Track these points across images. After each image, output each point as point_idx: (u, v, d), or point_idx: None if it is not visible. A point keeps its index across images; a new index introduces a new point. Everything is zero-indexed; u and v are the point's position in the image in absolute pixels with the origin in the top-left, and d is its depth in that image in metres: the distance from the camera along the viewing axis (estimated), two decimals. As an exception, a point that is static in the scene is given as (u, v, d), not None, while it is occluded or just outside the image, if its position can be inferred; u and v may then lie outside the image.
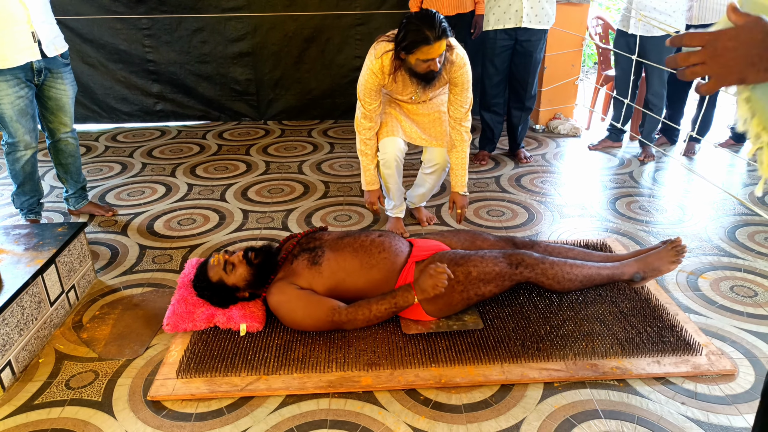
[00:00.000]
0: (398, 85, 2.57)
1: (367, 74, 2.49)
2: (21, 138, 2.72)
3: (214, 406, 1.83)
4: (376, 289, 2.11)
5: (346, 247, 2.15)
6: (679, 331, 2.09)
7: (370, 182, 2.77)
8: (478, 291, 2.09)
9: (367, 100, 2.56)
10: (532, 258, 2.14)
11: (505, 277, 2.10)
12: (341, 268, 2.10)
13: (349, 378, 1.91)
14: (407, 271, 2.12)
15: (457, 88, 2.55)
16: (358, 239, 2.18)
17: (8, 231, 2.40)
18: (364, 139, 2.69)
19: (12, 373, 1.95)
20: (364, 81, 2.52)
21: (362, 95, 2.56)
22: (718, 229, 2.94)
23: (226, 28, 4.52)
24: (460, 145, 2.67)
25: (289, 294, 2.05)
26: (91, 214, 3.17)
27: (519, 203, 3.28)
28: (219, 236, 2.94)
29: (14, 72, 2.58)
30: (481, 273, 2.08)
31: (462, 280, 2.07)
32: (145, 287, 2.50)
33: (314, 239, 2.24)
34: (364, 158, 2.74)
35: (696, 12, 3.69)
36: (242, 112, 4.84)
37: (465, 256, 2.13)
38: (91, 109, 4.71)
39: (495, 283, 2.10)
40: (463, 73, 2.50)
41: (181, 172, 3.78)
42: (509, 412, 1.80)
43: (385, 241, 2.17)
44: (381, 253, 2.13)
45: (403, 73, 2.48)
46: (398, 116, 2.74)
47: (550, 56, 4.34)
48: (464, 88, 2.55)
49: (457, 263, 2.10)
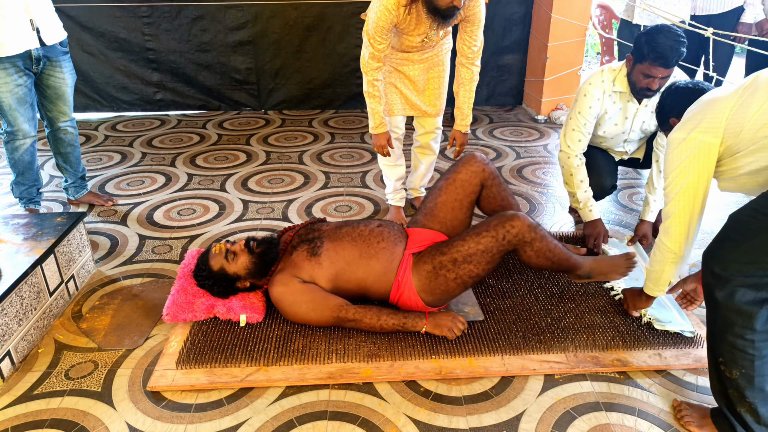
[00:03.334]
0: (411, 22, 2.45)
1: (381, 10, 2.36)
2: (20, 127, 2.71)
3: (213, 397, 1.83)
4: (375, 280, 2.10)
5: (345, 237, 2.14)
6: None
7: (378, 125, 2.66)
8: (471, 273, 2.03)
9: (377, 38, 2.44)
10: (524, 224, 2.00)
11: (493, 251, 2.00)
12: (340, 257, 2.09)
13: (349, 369, 1.90)
14: (405, 264, 2.11)
15: (471, 26, 2.50)
16: (356, 229, 2.17)
17: (7, 220, 2.39)
18: (371, 80, 2.56)
19: (11, 364, 1.94)
20: (375, 18, 2.40)
21: (372, 32, 2.44)
22: (720, 222, 2.91)
23: (226, 17, 4.48)
24: (468, 84, 2.64)
25: (292, 287, 2.04)
26: (91, 204, 3.16)
27: (520, 194, 3.26)
28: (219, 226, 2.93)
29: (12, 60, 2.56)
30: (467, 256, 2.01)
31: (452, 267, 2.03)
32: (145, 277, 2.49)
33: (313, 230, 2.22)
34: (371, 100, 2.61)
35: (700, 2, 3.66)
36: (242, 102, 4.81)
37: (449, 243, 2.07)
38: (91, 98, 4.68)
39: (485, 259, 2.01)
40: (479, 10, 2.46)
41: (181, 162, 3.76)
42: (510, 404, 1.80)
43: (384, 231, 2.16)
44: (380, 243, 2.12)
45: (418, 8, 2.38)
46: (397, 87, 2.70)
47: (552, 46, 4.30)
48: (478, 26, 2.50)
49: (442, 252, 2.06)
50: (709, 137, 1.59)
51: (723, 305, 1.52)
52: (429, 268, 2.05)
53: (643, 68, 2.27)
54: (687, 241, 1.77)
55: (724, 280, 1.51)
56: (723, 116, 1.56)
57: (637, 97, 2.45)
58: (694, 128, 1.61)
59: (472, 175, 2.28)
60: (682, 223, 1.74)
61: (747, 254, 1.48)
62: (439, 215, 2.29)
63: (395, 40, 2.60)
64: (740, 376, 1.53)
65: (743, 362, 1.52)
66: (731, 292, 1.50)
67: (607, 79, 2.47)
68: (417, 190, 3.11)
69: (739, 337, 1.51)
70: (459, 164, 2.31)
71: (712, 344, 1.61)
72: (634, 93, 2.43)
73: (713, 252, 1.57)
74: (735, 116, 1.54)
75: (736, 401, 1.57)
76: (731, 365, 1.54)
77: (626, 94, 2.46)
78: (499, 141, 4.08)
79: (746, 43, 3.56)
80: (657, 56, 2.20)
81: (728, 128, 1.56)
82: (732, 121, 1.54)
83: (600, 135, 2.62)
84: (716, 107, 1.59)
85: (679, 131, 1.67)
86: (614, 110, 2.51)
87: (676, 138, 1.67)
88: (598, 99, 2.47)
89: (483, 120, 4.55)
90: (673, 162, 1.69)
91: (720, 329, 1.55)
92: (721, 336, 1.55)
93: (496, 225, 2.00)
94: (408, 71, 2.67)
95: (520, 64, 4.78)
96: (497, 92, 4.88)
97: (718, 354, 1.58)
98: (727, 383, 1.57)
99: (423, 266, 2.07)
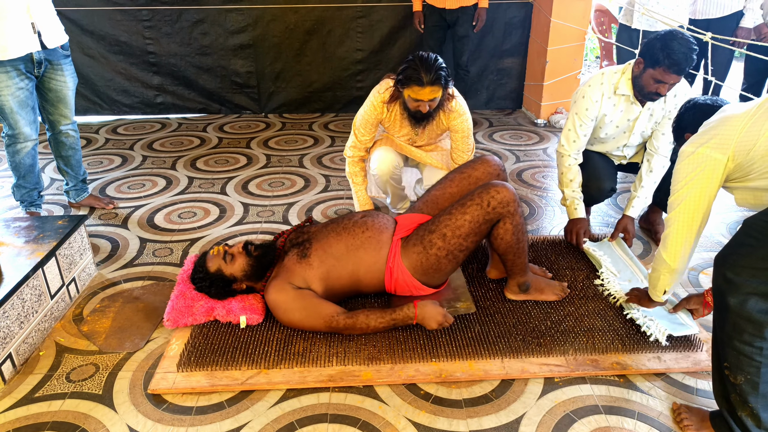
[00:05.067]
0: (395, 122, 2.63)
1: (368, 106, 2.59)
2: (21, 130, 2.71)
3: (214, 400, 1.84)
4: (366, 270, 2.11)
5: (330, 233, 2.15)
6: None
7: (363, 204, 2.79)
8: (460, 246, 2.05)
9: (361, 130, 2.63)
10: (510, 193, 2.03)
11: (479, 220, 2.02)
12: (329, 254, 2.10)
13: (350, 372, 1.91)
14: (394, 249, 2.11)
15: (457, 135, 2.63)
16: (341, 223, 2.18)
17: (8, 223, 2.39)
18: (351, 162, 2.73)
19: (13, 366, 1.95)
20: (363, 112, 2.60)
21: (358, 124, 2.63)
22: (719, 225, 2.94)
23: (226, 20, 4.50)
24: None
25: (286, 294, 2.05)
26: (92, 207, 3.17)
27: (520, 198, 3.27)
28: (219, 230, 2.93)
29: (14, 63, 2.57)
30: (455, 228, 2.04)
31: (441, 245, 2.05)
32: (146, 280, 2.50)
33: (302, 233, 2.24)
34: (353, 180, 2.77)
35: (700, 6, 3.67)
36: (243, 105, 4.82)
37: (435, 220, 2.10)
38: (92, 101, 4.69)
39: (472, 230, 2.03)
40: (462, 120, 2.59)
41: (181, 165, 3.77)
42: (509, 407, 1.80)
43: (368, 221, 2.16)
44: (365, 232, 2.13)
45: (399, 108, 2.56)
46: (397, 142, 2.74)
47: (551, 50, 4.32)
48: (464, 135, 2.63)
49: (430, 231, 2.08)
50: (717, 153, 1.59)
51: (734, 311, 1.51)
52: (419, 249, 2.07)
53: (656, 73, 2.28)
54: (682, 255, 1.78)
55: (736, 286, 1.50)
56: (734, 134, 1.56)
57: (642, 101, 2.46)
58: (704, 143, 1.62)
59: (487, 176, 2.29)
60: (679, 235, 1.75)
61: (762, 260, 1.46)
62: (444, 206, 2.27)
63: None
64: (745, 382, 1.53)
65: (749, 369, 1.52)
66: (744, 299, 1.48)
67: (608, 81, 2.48)
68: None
69: (747, 344, 1.50)
70: (477, 162, 2.33)
71: (717, 348, 1.61)
72: (639, 96, 2.44)
73: (726, 257, 1.56)
74: (747, 135, 1.54)
75: (737, 406, 1.56)
76: (736, 371, 1.54)
77: (629, 97, 2.47)
78: (499, 144, 4.09)
79: (745, 47, 3.58)
80: (672, 63, 2.21)
81: (738, 146, 1.56)
82: (743, 139, 1.55)
83: (601, 138, 2.63)
84: (729, 124, 1.59)
85: (689, 145, 1.67)
86: (615, 113, 2.52)
87: (685, 151, 1.68)
88: (596, 101, 2.48)
89: (483, 124, 4.56)
90: (680, 174, 1.70)
91: (728, 334, 1.54)
92: (728, 341, 1.55)
93: (481, 192, 2.04)
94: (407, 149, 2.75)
95: (520, 68, 4.80)
96: (497, 96, 4.90)
97: (723, 358, 1.57)
98: (730, 388, 1.57)
99: (412, 248, 2.08)
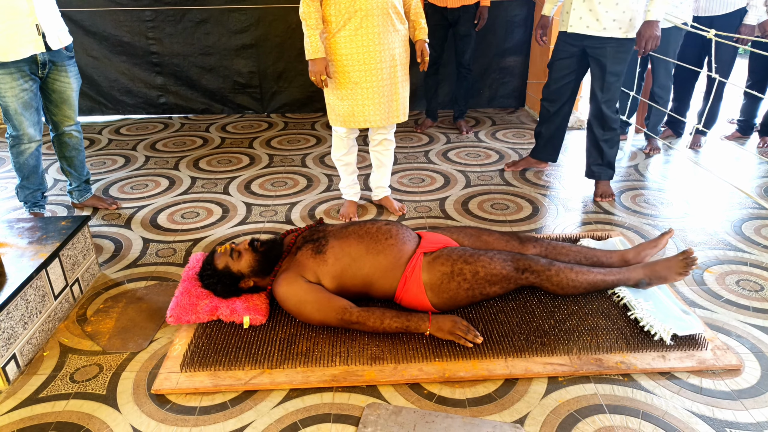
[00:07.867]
0: None
1: None
2: (25, 131, 2.72)
3: (217, 400, 1.84)
4: (382, 275, 2.11)
5: (351, 234, 2.16)
6: (685, 325, 2.07)
7: (316, 50, 2.56)
8: (483, 290, 2.11)
9: None
10: (539, 264, 2.15)
11: (510, 280, 2.13)
12: (346, 254, 2.11)
13: (353, 372, 1.91)
14: (415, 261, 2.12)
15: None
16: (363, 227, 2.19)
17: (12, 224, 2.40)
18: (308, 9, 2.53)
19: (17, 367, 1.95)
20: None
21: None
22: (724, 223, 2.92)
23: (229, 20, 4.50)
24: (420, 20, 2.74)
25: (298, 286, 2.06)
26: (95, 208, 3.17)
27: (523, 196, 3.27)
28: (222, 229, 2.94)
29: (18, 65, 2.58)
30: (489, 274, 2.09)
31: (469, 279, 2.08)
32: (149, 281, 2.50)
33: (317, 231, 2.25)
34: (306, 22, 2.53)
35: (703, 3, 3.66)
36: (245, 105, 4.83)
37: (474, 255, 2.13)
38: (95, 101, 4.71)
39: (500, 285, 2.13)
40: None
41: (184, 165, 3.78)
42: (513, 406, 1.80)
43: (392, 229, 2.18)
44: (388, 239, 2.14)
45: None
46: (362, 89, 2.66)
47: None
48: None
49: (466, 261, 2.10)
50: None
51: None
52: (446, 270, 2.08)
53: None
54: None
55: None
56: None
57: None
58: None
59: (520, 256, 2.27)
60: None
61: None
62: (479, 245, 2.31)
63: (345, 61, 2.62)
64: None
65: None
66: None
67: None
68: (383, 188, 3.09)
69: None
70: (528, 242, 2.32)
71: None
72: None
73: None
74: None
75: None
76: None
77: None
78: (502, 143, 4.08)
79: (749, 44, 3.56)
80: None
81: None
82: None
83: None
84: None
85: None
86: None
87: None
88: None
89: (485, 122, 4.55)
90: None
91: None
92: None
93: (519, 259, 2.16)
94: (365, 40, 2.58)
95: (522, 67, 4.78)
96: (499, 94, 4.89)
97: None
98: None
99: (439, 267, 2.09)
